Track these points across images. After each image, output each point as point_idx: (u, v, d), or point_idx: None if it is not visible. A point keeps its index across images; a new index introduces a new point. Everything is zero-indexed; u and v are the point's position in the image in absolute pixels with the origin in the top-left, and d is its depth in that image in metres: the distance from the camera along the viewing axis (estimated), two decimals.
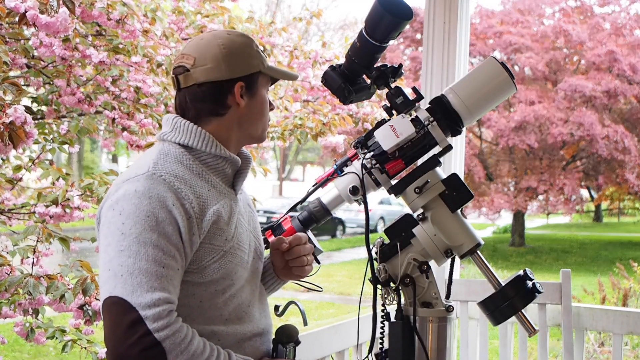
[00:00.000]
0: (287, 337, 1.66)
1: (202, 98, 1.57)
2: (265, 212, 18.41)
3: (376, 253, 1.90)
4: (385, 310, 1.90)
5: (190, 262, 1.48)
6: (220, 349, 1.48)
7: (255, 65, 1.60)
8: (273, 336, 1.70)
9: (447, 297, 2.05)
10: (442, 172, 1.93)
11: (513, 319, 1.85)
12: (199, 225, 1.47)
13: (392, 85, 1.91)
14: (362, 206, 1.87)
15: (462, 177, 2.19)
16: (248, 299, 1.60)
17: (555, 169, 16.40)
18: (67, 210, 2.96)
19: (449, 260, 1.93)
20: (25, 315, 2.95)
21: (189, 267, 1.48)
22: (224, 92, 1.57)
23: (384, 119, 1.89)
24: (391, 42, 1.90)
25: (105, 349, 1.38)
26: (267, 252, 1.82)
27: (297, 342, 1.68)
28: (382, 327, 1.88)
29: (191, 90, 1.57)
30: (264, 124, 1.67)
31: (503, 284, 1.82)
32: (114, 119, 3.58)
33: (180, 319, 1.41)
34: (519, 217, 18.13)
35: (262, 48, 1.70)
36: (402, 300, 1.89)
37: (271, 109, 1.70)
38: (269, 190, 30.28)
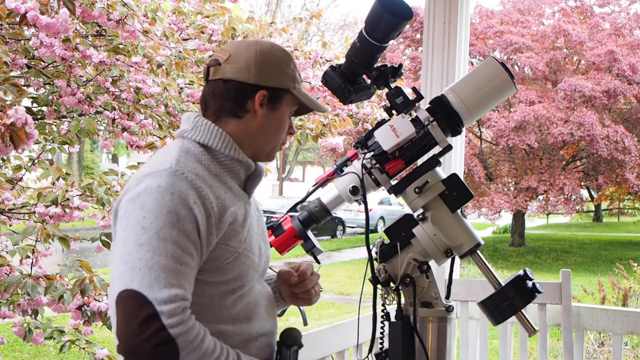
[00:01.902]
0: (292, 340, 1.66)
1: (224, 94, 1.58)
2: (265, 212, 18.31)
3: (376, 253, 1.90)
4: (385, 310, 1.90)
5: (205, 261, 1.49)
6: (229, 348, 1.48)
7: (285, 82, 1.61)
8: (278, 337, 1.70)
9: (447, 297, 2.05)
10: (442, 172, 1.93)
11: (513, 319, 1.85)
12: (217, 225, 1.48)
13: (392, 85, 1.91)
14: (362, 206, 1.87)
15: (462, 177, 2.19)
16: (256, 299, 1.61)
17: (555, 169, 16.40)
18: (67, 210, 2.96)
19: (449, 260, 1.93)
20: (24, 315, 2.95)
21: (203, 265, 1.49)
22: (246, 95, 1.58)
23: (384, 119, 1.89)
24: (391, 42, 1.90)
25: (117, 342, 1.38)
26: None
27: (300, 346, 1.68)
28: (382, 327, 1.88)
29: (217, 84, 1.59)
30: (276, 143, 1.65)
31: (503, 284, 1.83)
32: (114, 120, 3.59)
33: (194, 317, 1.41)
34: (519, 217, 18.13)
35: (300, 74, 1.68)
36: (402, 300, 1.89)
37: (291, 134, 1.68)
38: (269, 190, 30.28)
